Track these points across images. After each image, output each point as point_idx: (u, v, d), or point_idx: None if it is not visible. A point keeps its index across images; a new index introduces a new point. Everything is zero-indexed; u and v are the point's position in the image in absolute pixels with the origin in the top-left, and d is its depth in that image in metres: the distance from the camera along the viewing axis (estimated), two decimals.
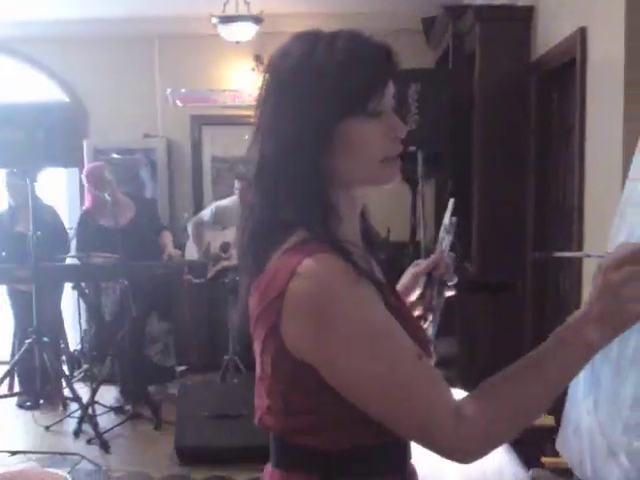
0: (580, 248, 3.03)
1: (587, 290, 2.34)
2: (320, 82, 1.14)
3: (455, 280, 1.42)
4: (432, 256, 1.44)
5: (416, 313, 1.43)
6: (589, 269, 2.93)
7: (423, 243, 3.11)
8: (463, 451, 1.12)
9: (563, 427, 1.89)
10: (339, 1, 5.62)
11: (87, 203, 5.29)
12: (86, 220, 5.22)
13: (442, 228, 1.45)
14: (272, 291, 1.12)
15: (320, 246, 1.13)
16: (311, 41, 1.18)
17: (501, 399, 1.11)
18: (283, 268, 1.12)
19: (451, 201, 1.46)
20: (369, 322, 1.11)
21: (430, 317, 1.39)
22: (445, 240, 1.43)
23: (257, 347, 1.20)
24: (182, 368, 5.82)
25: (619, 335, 1.10)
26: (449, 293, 1.43)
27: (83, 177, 5.22)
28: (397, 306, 1.21)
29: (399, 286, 1.45)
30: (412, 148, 3.85)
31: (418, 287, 1.44)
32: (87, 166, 5.36)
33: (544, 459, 2.86)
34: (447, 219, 1.44)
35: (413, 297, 1.45)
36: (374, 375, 1.09)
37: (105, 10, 5.81)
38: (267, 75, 1.21)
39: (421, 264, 1.45)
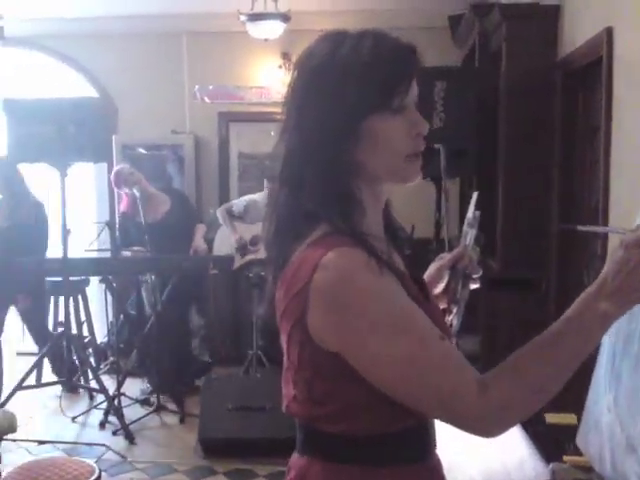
0: (603, 246, 3.03)
1: None
2: (345, 79, 1.16)
3: (479, 273, 1.44)
4: (456, 249, 1.46)
5: (441, 306, 1.46)
6: None
7: (446, 238, 3.12)
8: (487, 423, 1.15)
9: (584, 423, 1.90)
10: None
11: (122, 205, 5.43)
12: (124, 221, 5.38)
13: (466, 222, 1.47)
14: (297, 283, 1.16)
15: (343, 239, 1.16)
16: (337, 40, 1.21)
17: (523, 373, 1.14)
18: (308, 261, 1.15)
19: (474, 195, 1.48)
20: (391, 308, 1.14)
21: (454, 309, 1.41)
22: (469, 234, 1.44)
23: (284, 338, 1.23)
24: (207, 361, 5.87)
25: (632, 308, 1.14)
26: (473, 286, 1.45)
27: (112, 182, 5.37)
28: (420, 297, 1.23)
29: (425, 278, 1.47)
30: (437, 145, 3.86)
31: (442, 280, 1.46)
32: (113, 171, 5.46)
33: (566, 457, 2.85)
34: (471, 213, 1.45)
35: (437, 290, 1.47)
36: (399, 357, 1.12)
37: (135, 7, 5.87)
38: (295, 73, 1.24)
39: (445, 257, 1.48)
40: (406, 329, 1.14)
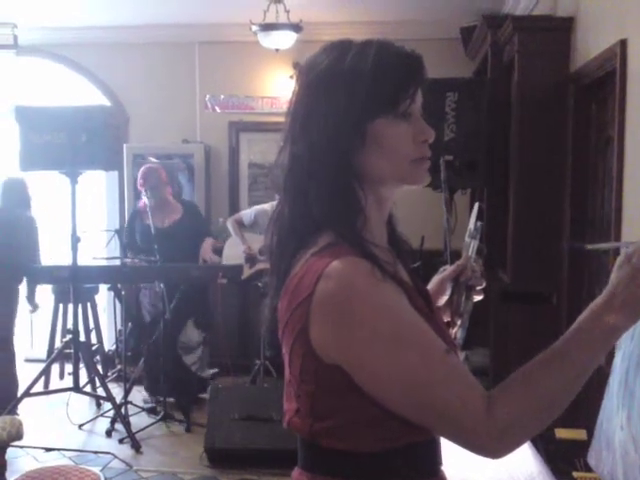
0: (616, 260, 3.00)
1: None
2: (352, 84, 1.16)
3: (483, 284, 1.43)
4: (458, 261, 1.45)
5: (445, 319, 1.44)
6: None
7: (448, 250, 3.11)
8: (494, 441, 1.12)
9: (596, 440, 1.87)
10: (378, 10, 5.63)
11: (140, 201, 5.40)
12: (134, 218, 5.36)
13: (467, 233, 1.46)
14: (300, 294, 1.14)
15: (348, 249, 1.14)
16: (343, 48, 1.21)
17: (531, 388, 1.12)
18: (311, 271, 1.14)
19: (476, 206, 1.47)
20: (395, 320, 1.12)
21: (459, 322, 1.39)
22: (471, 245, 1.43)
23: (286, 350, 1.21)
24: (214, 371, 5.85)
25: None
26: (477, 298, 1.43)
27: (140, 174, 5.34)
28: (424, 309, 1.21)
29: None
30: (449, 157, 3.85)
31: (445, 293, 1.45)
32: (149, 166, 5.50)
33: (576, 474, 2.82)
34: (472, 224, 1.45)
35: (441, 303, 1.46)
36: (402, 371, 1.10)
37: (147, 16, 5.90)
38: (298, 82, 1.24)
39: (447, 269, 1.47)
40: (410, 342, 1.11)
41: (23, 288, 5.05)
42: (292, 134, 1.22)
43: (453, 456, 1.49)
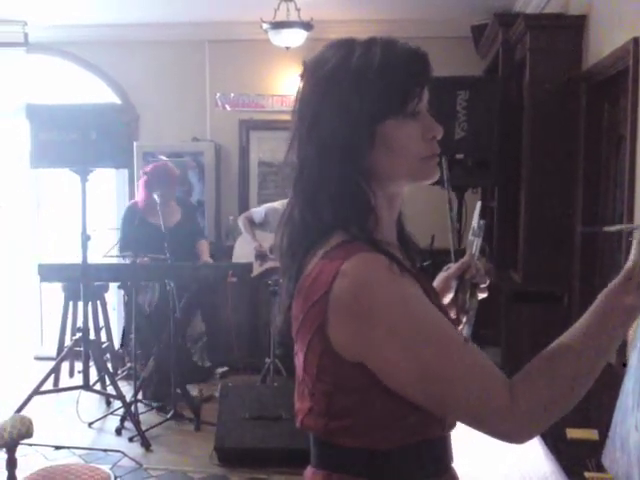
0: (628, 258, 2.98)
1: None
2: (359, 86, 1.16)
3: (487, 282, 1.43)
4: (462, 259, 1.45)
5: (452, 316, 1.44)
6: None
7: (452, 249, 3.10)
8: (520, 428, 1.13)
9: (610, 441, 1.86)
10: (389, 8, 5.62)
11: (138, 197, 5.36)
12: (133, 214, 5.26)
13: (470, 231, 1.47)
14: (316, 292, 1.14)
15: (361, 246, 1.14)
16: (347, 47, 1.20)
17: (552, 374, 1.13)
18: (326, 269, 1.14)
19: (478, 204, 1.49)
20: (416, 314, 1.12)
21: (464, 319, 1.39)
22: (474, 243, 1.44)
23: (300, 349, 1.20)
24: (224, 369, 5.86)
25: None
26: (482, 295, 1.44)
27: (146, 171, 5.26)
28: (437, 304, 1.22)
29: None
30: (459, 155, 3.83)
31: (450, 291, 1.45)
32: (155, 163, 5.47)
33: (587, 474, 2.81)
34: (475, 222, 1.46)
35: (446, 301, 1.46)
36: (425, 363, 1.11)
37: (157, 15, 5.90)
38: (304, 81, 1.24)
39: (452, 268, 1.47)
40: (431, 335, 1.12)
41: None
42: (300, 134, 1.22)
43: (465, 455, 1.48)
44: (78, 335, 4.93)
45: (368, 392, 1.14)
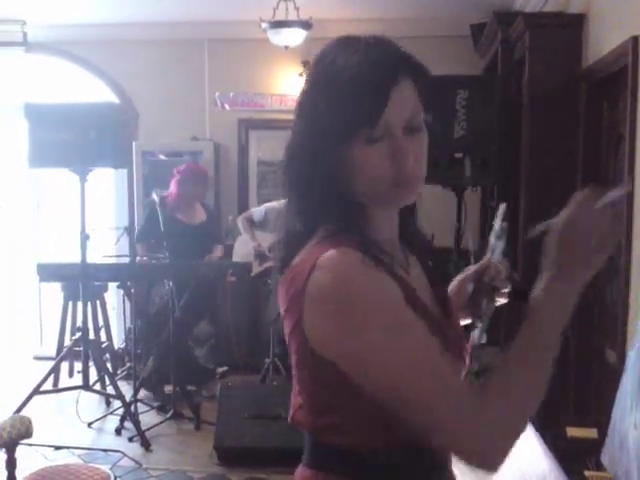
0: (627, 259, 2.98)
1: (634, 300, 2.30)
2: (321, 101, 1.12)
3: (507, 287, 1.39)
4: (481, 262, 1.41)
5: (464, 321, 1.41)
6: (638, 277, 2.89)
7: (473, 249, 3.08)
8: (484, 444, 1.08)
9: (609, 440, 1.86)
10: (388, 7, 5.62)
11: (171, 191, 5.44)
12: (161, 206, 5.23)
13: (492, 234, 1.41)
14: (295, 286, 1.12)
15: (343, 239, 1.12)
16: (324, 54, 1.16)
17: (513, 385, 1.11)
18: (306, 262, 1.12)
19: (502, 206, 1.42)
20: (386, 312, 1.09)
21: (478, 324, 1.35)
22: (496, 246, 1.38)
23: (287, 341, 1.20)
24: (223, 369, 5.86)
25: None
26: (501, 300, 1.39)
27: (180, 169, 5.44)
28: (424, 307, 1.18)
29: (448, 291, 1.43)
30: (459, 154, 3.83)
31: (466, 293, 1.41)
32: (188, 163, 5.72)
33: (587, 473, 2.81)
34: (498, 225, 1.39)
35: (460, 303, 1.42)
36: (390, 364, 1.07)
37: (157, 14, 5.90)
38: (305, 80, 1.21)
39: (470, 270, 1.43)
40: (399, 335, 1.07)
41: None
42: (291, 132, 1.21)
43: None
44: (78, 335, 4.93)
45: (343, 391, 1.12)
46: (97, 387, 5.23)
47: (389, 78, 1.10)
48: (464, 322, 1.42)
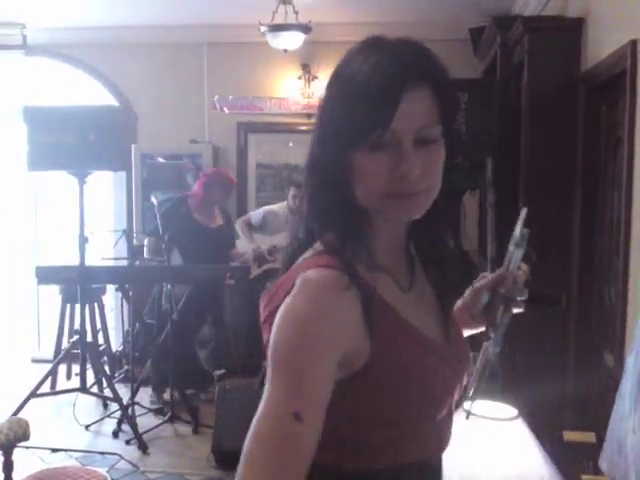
0: (626, 262, 2.98)
1: (633, 303, 2.29)
2: (334, 107, 1.11)
3: (525, 295, 1.32)
4: (498, 272, 1.35)
5: (479, 329, 1.38)
6: (636, 281, 2.88)
7: (490, 255, 3.06)
8: None
9: (607, 444, 1.85)
10: (387, 10, 5.62)
11: (194, 192, 5.44)
12: (184, 204, 5.34)
13: (512, 241, 1.34)
14: (275, 301, 1.09)
15: (328, 260, 1.08)
16: (344, 60, 1.13)
17: None
18: (289, 279, 1.09)
19: (524, 211, 1.34)
20: (300, 358, 1.03)
21: (492, 335, 1.29)
22: (515, 254, 1.31)
23: None
24: (221, 371, 5.85)
25: None
26: (517, 310, 1.33)
27: (207, 173, 5.51)
28: (416, 333, 1.14)
29: (462, 300, 1.41)
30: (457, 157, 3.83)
31: (481, 302, 1.35)
32: (216, 168, 5.84)
33: (585, 477, 2.80)
34: (518, 231, 1.32)
35: (475, 311, 1.37)
36: (261, 415, 1.06)
37: (156, 17, 5.90)
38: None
39: (487, 277, 1.38)
40: (289, 391, 1.03)
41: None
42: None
43: (463, 457, 1.47)
44: (75, 337, 4.93)
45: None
46: (95, 390, 5.23)
47: (399, 85, 1.05)
48: (478, 330, 1.38)
